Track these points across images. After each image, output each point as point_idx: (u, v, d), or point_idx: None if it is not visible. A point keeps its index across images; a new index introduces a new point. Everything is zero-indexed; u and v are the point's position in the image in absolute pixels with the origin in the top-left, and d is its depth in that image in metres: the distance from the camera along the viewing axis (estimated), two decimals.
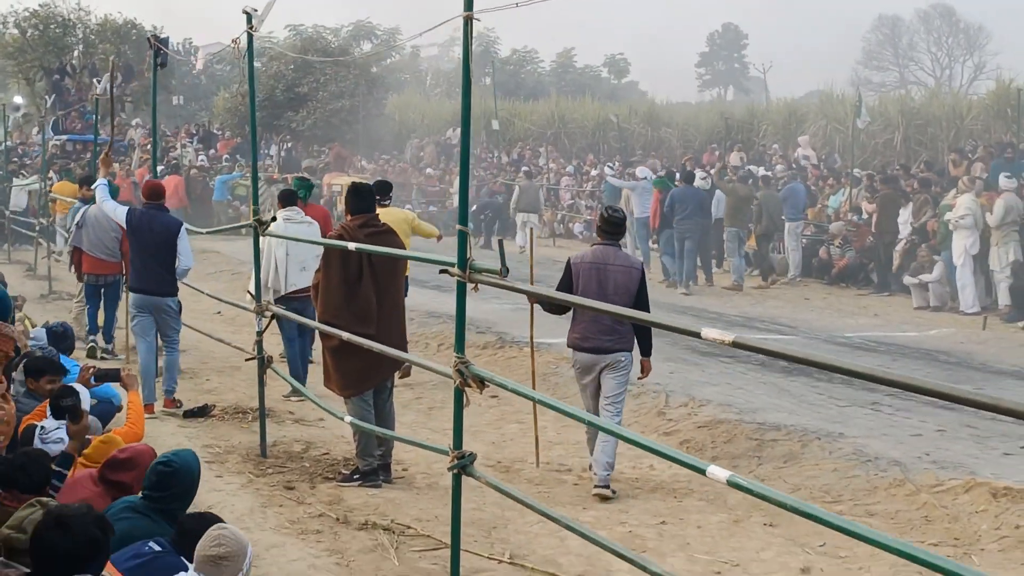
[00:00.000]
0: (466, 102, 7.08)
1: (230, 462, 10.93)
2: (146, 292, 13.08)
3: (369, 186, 11.09)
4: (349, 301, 10.23)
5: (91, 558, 4.93)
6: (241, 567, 5.73)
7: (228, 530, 5.82)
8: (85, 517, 4.98)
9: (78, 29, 49.21)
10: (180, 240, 13.02)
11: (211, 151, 41.51)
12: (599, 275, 10.31)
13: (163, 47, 14.22)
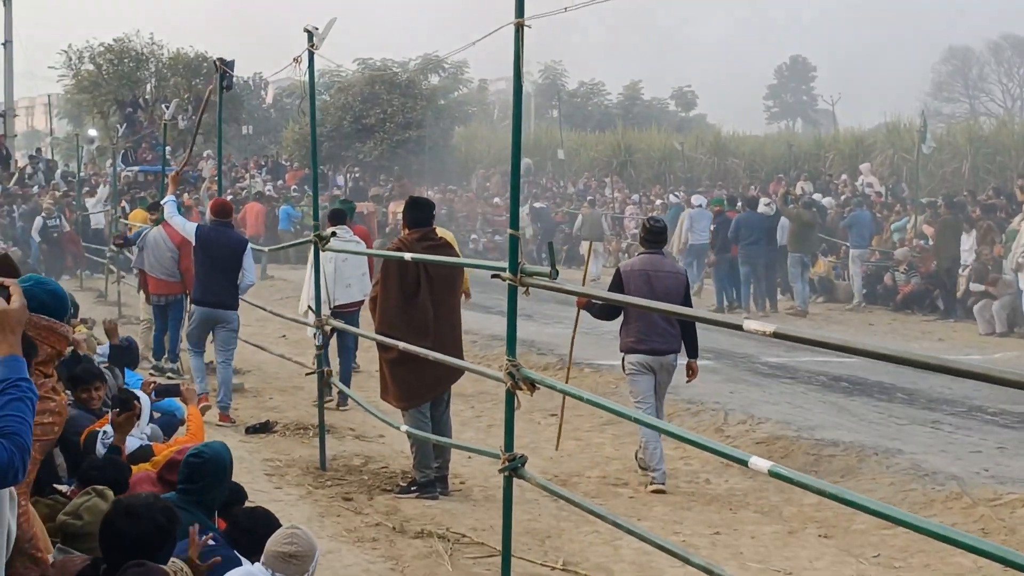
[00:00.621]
0: (517, 110, 7.18)
1: (290, 475, 11.05)
2: (211, 305, 13.55)
3: (428, 200, 11.19)
4: (406, 313, 10.34)
5: (158, 546, 5.01)
6: (308, 568, 5.83)
7: (301, 530, 5.93)
8: (152, 506, 5.09)
9: (151, 63, 50.01)
10: (246, 257, 13.53)
11: (279, 181, 41.97)
12: (648, 281, 10.76)
13: (228, 70, 14.47)
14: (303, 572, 5.82)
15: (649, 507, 10.28)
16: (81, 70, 49.87)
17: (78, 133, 42.93)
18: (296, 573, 5.80)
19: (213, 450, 6.64)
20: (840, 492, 4.94)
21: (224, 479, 6.61)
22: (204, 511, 6.51)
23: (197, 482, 6.46)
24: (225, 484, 6.65)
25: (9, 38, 49.66)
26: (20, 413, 3.71)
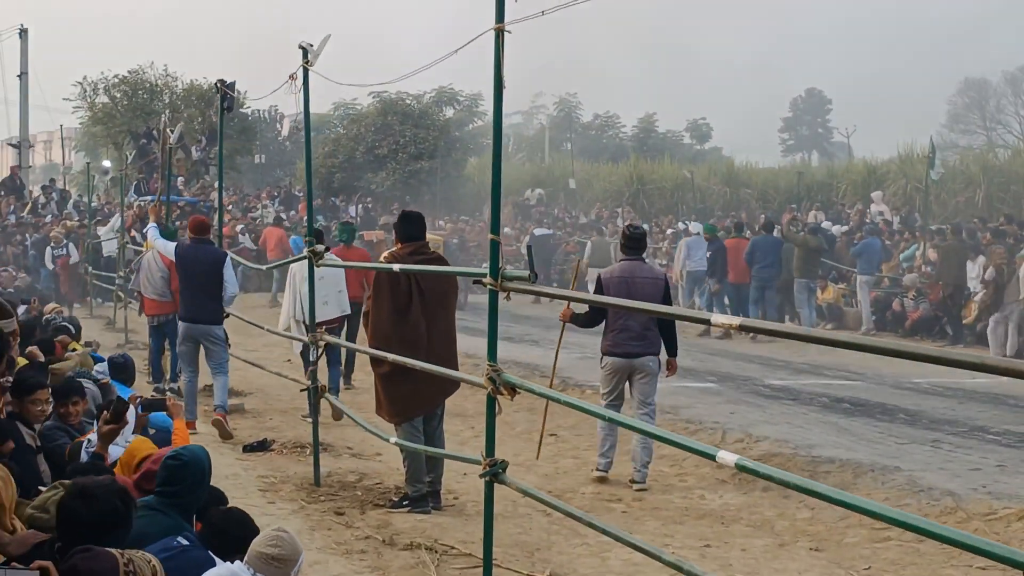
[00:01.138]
0: (497, 116, 7.20)
1: (283, 491, 11.03)
2: (194, 320, 13.90)
3: (418, 214, 11.19)
4: (398, 328, 10.32)
5: (112, 528, 5.04)
6: (291, 571, 5.80)
7: (287, 533, 5.90)
8: (108, 489, 5.12)
9: (165, 94, 50.23)
10: (226, 269, 13.89)
11: (292, 212, 42.05)
12: (628, 286, 11.09)
13: (229, 91, 14.55)
14: (286, 575, 5.79)
15: (641, 521, 10.24)
16: (95, 102, 50.13)
17: (88, 162, 43.19)
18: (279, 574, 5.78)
19: (191, 453, 6.61)
20: (806, 484, 4.92)
21: (203, 482, 6.58)
22: (182, 514, 6.49)
23: (175, 484, 6.43)
24: (204, 487, 6.62)
25: (25, 70, 50.06)
26: None
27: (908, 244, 28.57)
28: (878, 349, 4.60)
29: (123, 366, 12.27)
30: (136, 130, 47.43)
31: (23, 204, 39.32)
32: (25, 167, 48.85)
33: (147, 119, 48.30)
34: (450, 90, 70.33)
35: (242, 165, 53.15)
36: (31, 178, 53.42)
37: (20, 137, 50.60)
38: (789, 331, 5.38)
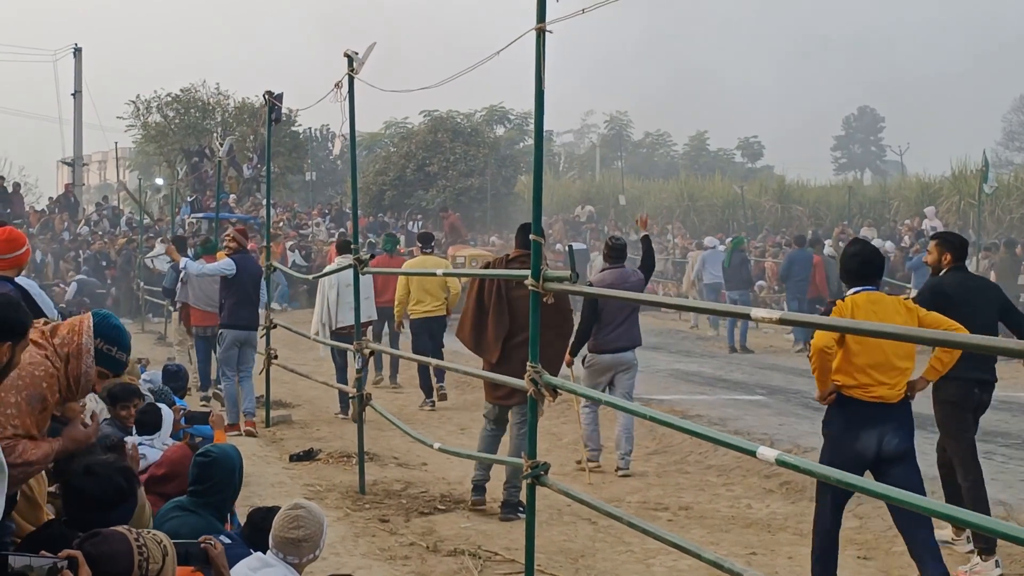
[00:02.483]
0: (539, 117, 7.18)
1: (329, 498, 11.03)
2: (245, 327, 14.83)
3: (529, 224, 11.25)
4: (476, 328, 10.67)
5: (116, 504, 5.15)
6: (319, 543, 5.86)
7: (304, 508, 5.90)
8: (111, 467, 5.24)
9: (217, 113, 50.63)
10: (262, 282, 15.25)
11: (342, 229, 42.24)
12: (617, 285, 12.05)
13: (277, 103, 14.63)
14: (314, 549, 5.84)
15: (687, 529, 10.15)
16: (148, 121, 50.59)
17: (141, 179, 43.56)
18: (307, 552, 5.81)
19: (220, 450, 6.61)
20: (845, 477, 4.84)
21: (233, 479, 6.56)
22: (214, 513, 6.47)
23: (204, 482, 6.43)
24: (234, 485, 6.59)
25: (79, 89, 50.55)
26: None
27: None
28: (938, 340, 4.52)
29: (176, 374, 12.34)
30: (188, 148, 47.82)
31: (77, 221, 39.72)
32: (79, 185, 49.33)
33: (199, 137, 48.70)
34: (501, 108, 70.60)
35: (293, 183, 53.47)
36: (85, 196, 53.94)
37: (74, 155, 51.07)
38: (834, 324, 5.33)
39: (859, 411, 7.58)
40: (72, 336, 5.23)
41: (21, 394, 5.00)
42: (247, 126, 48.77)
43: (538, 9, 6.94)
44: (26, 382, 5.01)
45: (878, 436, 7.57)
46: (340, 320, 15.98)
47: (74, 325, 5.32)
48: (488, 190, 45.06)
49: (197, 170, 44.57)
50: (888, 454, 7.60)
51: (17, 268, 8.05)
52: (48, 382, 5.07)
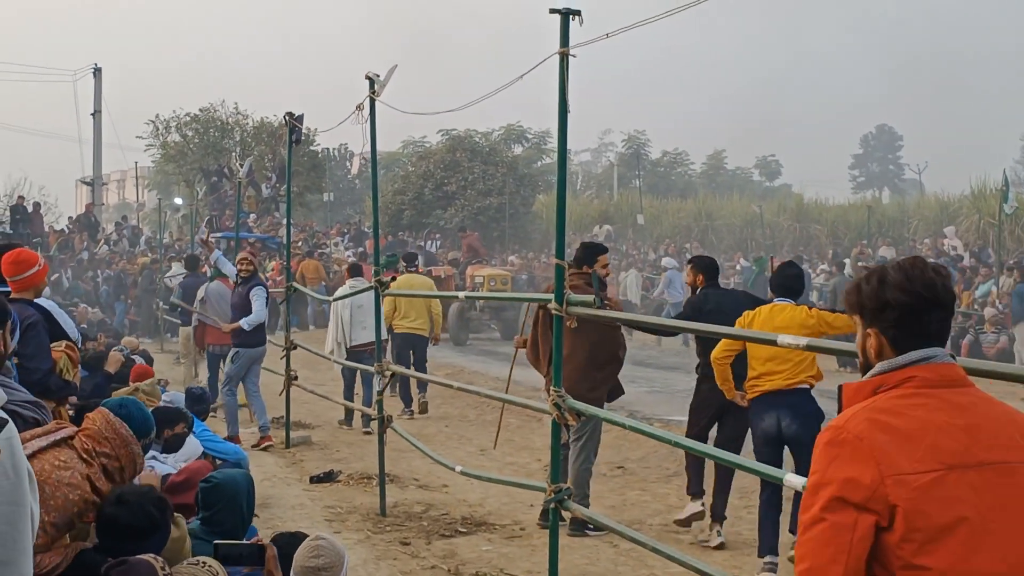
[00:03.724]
0: (562, 140, 7.18)
1: (350, 521, 11.03)
2: (260, 344, 15.35)
3: (593, 244, 11.27)
4: (533, 347, 10.85)
5: (149, 534, 5.15)
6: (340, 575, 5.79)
7: (325, 540, 5.85)
8: (144, 496, 5.25)
9: (236, 132, 50.79)
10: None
11: (360, 248, 42.32)
12: None
13: (297, 124, 14.66)
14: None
15: (708, 554, 10.10)
16: (168, 140, 50.79)
17: (160, 198, 43.70)
18: None
19: (224, 474, 6.55)
20: None
21: (239, 502, 6.45)
22: (225, 538, 6.41)
23: (210, 508, 6.37)
24: (242, 508, 6.50)
25: (98, 109, 50.76)
26: None
27: (984, 280, 28.24)
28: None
29: (200, 397, 12.37)
30: (207, 168, 47.97)
31: (96, 241, 39.86)
32: (98, 204, 49.51)
33: (218, 157, 48.85)
34: (518, 127, 70.70)
35: (312, 203, 53.57)
36: (104, 216, 54.12)
37: (94, 175, 51.29)
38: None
39: (763, 397, 9.22)
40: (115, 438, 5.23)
41: (51, 515, 4.90)
42: (266, 145, 48.91)
43: (561, 33, 6.95)
44: (59, 503, 4.92)
45: (777, 418, 9.16)
46: (354, 339, 16.44)
47: (109, 423, 5.30)
48: (506, 209, 45.10)
49: (216, 190, 44.69)
50: (790, 436, 9.20)
51: (34, 289, 7.98)
52: (80, 507, 5.04)
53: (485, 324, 31.23)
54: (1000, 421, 3.22)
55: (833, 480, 3.11)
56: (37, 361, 7.17)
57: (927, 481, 3.07)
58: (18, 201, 41.10)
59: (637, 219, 43.80)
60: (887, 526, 3.07)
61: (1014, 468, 3.15)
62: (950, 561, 3.03)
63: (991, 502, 3.08)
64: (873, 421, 3.15)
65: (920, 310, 3.26)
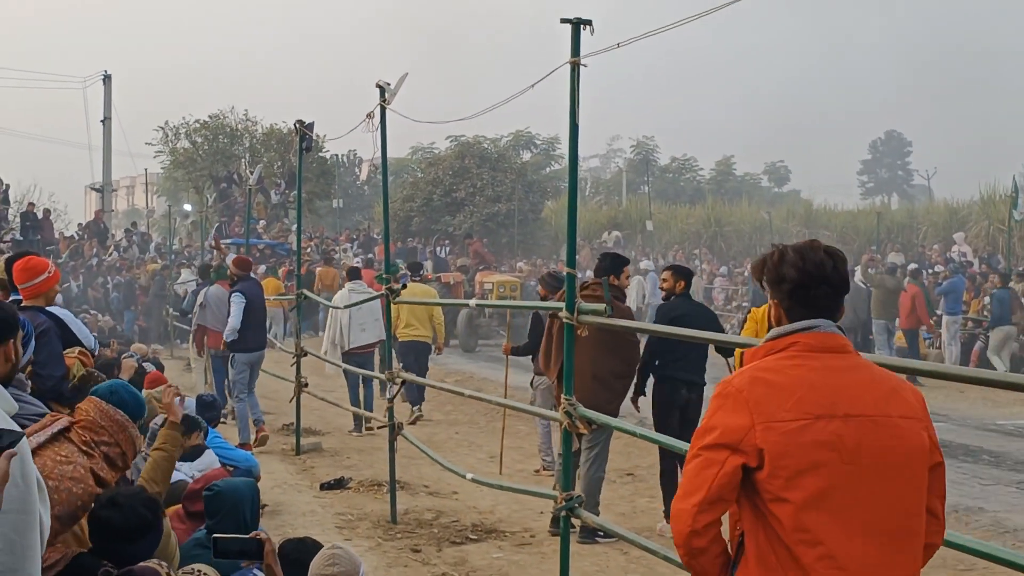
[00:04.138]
0: (573, 150, 7.20)
1: (360, 528, 11.06)
2: (258, 348, 15.63)
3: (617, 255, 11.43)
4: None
5: (141, 535, 5.15)
6: None
7: (342, 549, 5.86)
8: (135, 498, 5.24)
9: (245, 139, 50.86)
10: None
11: (370, 255, 42.38)
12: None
13: (308, 132, 14.71)
14: None
15: None
16: (177, 147, 50.87)
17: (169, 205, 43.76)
18: None
19: (227, 482, 6.56)
20: None
21: (242, 509, 6.45)
22: None
23: (214, 516, 6.38)
24: (245, 515, 6.50)
25: (108, 115, 50.87)
26: None
27: (994, 287, 28.14)
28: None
29: (211, 405, 12.39)
30: (217, 174, 48.02)
31: (106, 247, 39.92)
32: (108, 211, 49.59)
33: (227, 163, 48.91)
34: (527, 133, 70.69)
35: (321, 209, 53.62)
36: (114, 222, 54.23)
37: (103, 181, 51.40)
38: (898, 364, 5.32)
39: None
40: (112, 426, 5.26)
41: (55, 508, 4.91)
42: (275, 152, 48.96)
43: (572, 43, 6.98)
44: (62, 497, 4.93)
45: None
46: (352, 341, 16.84)
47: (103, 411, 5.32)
48: (515, 216, 45.11)
49: (226, 196, 44.76)
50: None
51: (45, 296, 7.99)
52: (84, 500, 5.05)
53: (494, 331, 31.21)
54: (870, 383, 3.78)
55: (716, 426, 3.72)
56: (50, 368, 7.21)
57: (794, 428, 3.63)
58: (28, 208, 41.18)
59: (646, 225, 43.76)
60: (758, 466, 3.64)
61: (875, 421, 3.69)
62: (809, 496, 3.59)
63: (850, 449, 3.64)
64: (754, 378, 3.75)
65: (809, 285, 3.84)
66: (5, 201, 40.93)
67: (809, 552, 3.58)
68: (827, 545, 3.59)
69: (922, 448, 3.76)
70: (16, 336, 4.43)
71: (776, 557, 3.65)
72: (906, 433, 3.73)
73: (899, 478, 3.69)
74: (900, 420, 3.73)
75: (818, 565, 3.58)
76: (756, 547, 3.70)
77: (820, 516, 3.59)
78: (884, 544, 3.65)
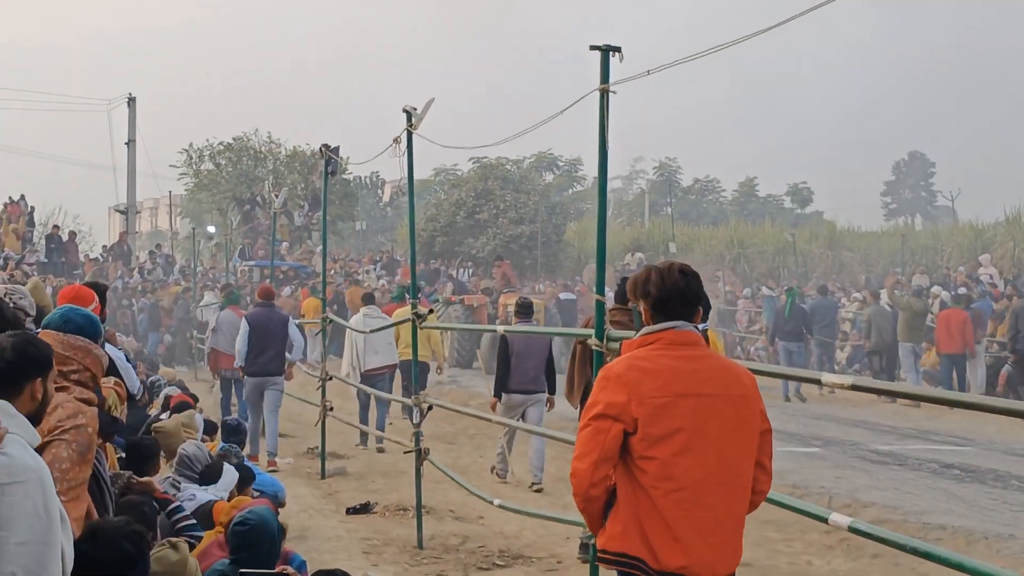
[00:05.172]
0: (603, 177, 7.20)
1: (387, 553, 11.02)
2: (260, 374, 16.12)
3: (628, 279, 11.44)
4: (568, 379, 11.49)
5: (124, 570, 4.98)
6: None
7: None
8: (118, 531, 5.05)
9: (269, 161, 51.02)
10: (291, 328, 16.39)
11: (395, 277, 42.43)
12: (527, 344, 14.62)
13: (333, 155, 14.75)
14: None
15: None
16: (201, 169, 51.05)
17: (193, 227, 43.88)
18: None
19: (258, 516, 6.50)
20: (923, 547, 4.81)
21: (274, 545, 6.45)
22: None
23: (246, 550, 6.33)
24: (276, 550, 6.49)
25: (133, 138, 51.08)
26: None
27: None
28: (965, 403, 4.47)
29: (236, 429, 12.44)
30: (240, 196, 48.17)
31: (130, 269, 40.06)
32: (132, 233, 49.76)
33: (251, 185, 49.06)
34: (550, 155, 70.77)
35: (344, 231, 53.71)
36: (138, 244, 54.42)
37: (127, 203, 51.59)
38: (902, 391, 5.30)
39: None
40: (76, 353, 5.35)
41: (71, 446, 4.98)
42: (298, 174, 49.08)
43: (602, 70, 6.98)
44: (72, 435, 4.98)
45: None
46: (366, 364, 17.65)
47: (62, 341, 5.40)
48: (538, 237, 45.09)
49: (250, 219, 44.88)
50: None
51: None
52: (92, 424, 5.06)
53: None
54: (718, 369, 5.09)
55: (601, 401, 4.95)
56: None
57: (660, 403, 4.90)
58: (53, 230, 41.38)
59: (669, 247, 43.62)
60: (633, 431, 4.89)
61: (721, 398, 4.98)
62: (668, 454, 4.86)
63: (702, 419, 4.91)
64: (631, 365, 5.02)
65: (667, 299, 5.10)
66: (30, 223, 41.15)
67: (665, 493, 4.81)
68: (683, 488, 4.82)
69: (754, 418, 5.04)
70: (46, 375, 4.41)
71: (637, 500, 4.88)
72: (743, 407, 5.00)
73: (736, 441, 4.96)
74: (739, 398, 5.00)
75: (669, 500, 4.82)
76: (625, 494, 4.92)
77: (678, 468, 4.83)
78: (721, 487, 4.90)
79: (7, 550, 3.69)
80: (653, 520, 4.84)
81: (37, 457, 3.92)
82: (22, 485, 3.76)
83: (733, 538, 4.99)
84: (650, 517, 4.85)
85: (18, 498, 3.74)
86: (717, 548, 4.89)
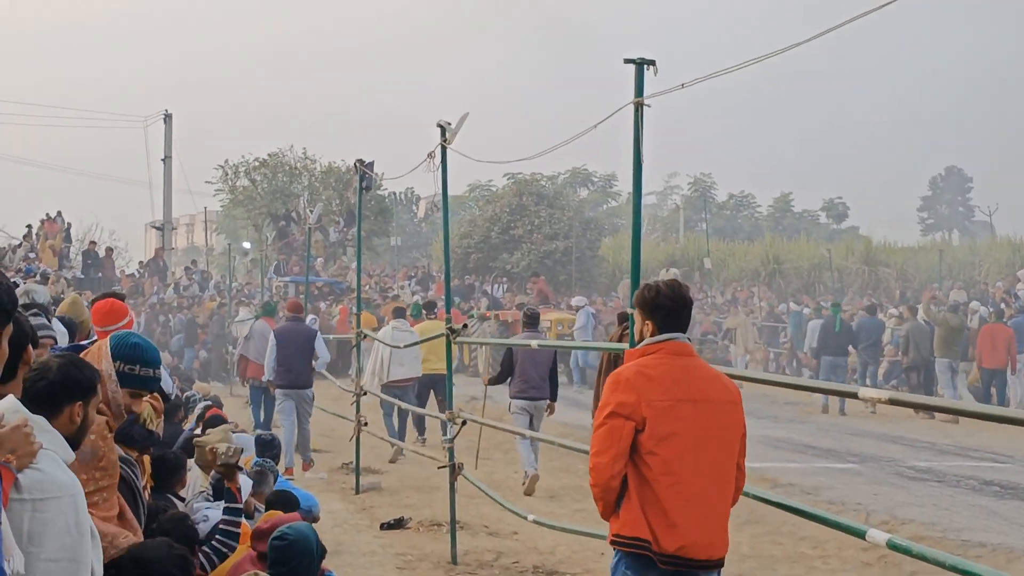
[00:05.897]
0: (637, 190, 7.18)
1: (420, 569, 11.00)
2: (291, 386, 16.68)
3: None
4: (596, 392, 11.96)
5: None
6: None
7: None
8: (165, 557, 4.94)
9: (304, 177, 51.18)
10: (317, 343, 16.95)
11: (429, 292, 42.48)
12: (532, 353, 15.05)
13: (368, 171, 14.77)
14: None
15: None
16: (236, 185, 51.26)
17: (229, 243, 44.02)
18: None
19: (296, 531, 6.40)
20: (961, 564, 4.74)
21: (312, 561, 6.42)
22: None
23: (284, 565, 6.28)
24: (314, 566, 6.46)
25: (169, 154, 51.34)
26: None
27: None
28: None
29: (270, 444, 12.39)
30: (276, 212, 48.32)
31: (166, 285, 40.25)
32: (168, 249, 49.99)
33: (286, 201, 49.22)
34: (584, 171, 70.79)
35: (379, 246, 53.80)
36: (173, 259, 54.69)
37: (164, 220, 51.85)
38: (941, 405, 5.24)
39: None
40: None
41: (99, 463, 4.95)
42: (333, 190, 49.21)
43: (636, 83, 6.96)
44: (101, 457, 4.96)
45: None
46: (391, 375, 18.20)
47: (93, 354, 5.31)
48: (573, 253, 45.09)
49: (285, 235, 45.02)
50: None
51: None
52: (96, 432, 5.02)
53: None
54: (710, 378, 5.78)
55: (613, 402, 5.57)
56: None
57: (664, 406, 5.55)
58: (90, 246, 41.59)
59: (704, 263, 43.53)
60: (641, 430, 5.52)
61: (713, 404, 5.66)
62: (670, 452, 5.51)
63: (698, 422, 5.58)
64: (638, 371, 5.66)
65: (676, 310, 5.79)
66: (67, 239, 41.37)
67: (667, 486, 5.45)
68: (681, 482, 5.47)
69: (738, 423, 5.77)
70: (88, 400, 4.40)
71: (644, 491, 5.52)
72: (729, 413, 5.70)
73: (724, 442, 5.66)
74: (728, 404, 5.70)
75: (670, 491, 5.46)
76: (635, 486, 5.54)
77: (678, 465, 5.48)
78: (712, 482, 5.58)
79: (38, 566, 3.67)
80: (655, 509, 5.48)
81: (71, 473, 3.91)
82: (55, 501, 3.75)
83: (722, 526, 5.66)
84: (653, 506, 5.49)
85: (51, 514, 3.72)
86: (710, 534, 5.56)
